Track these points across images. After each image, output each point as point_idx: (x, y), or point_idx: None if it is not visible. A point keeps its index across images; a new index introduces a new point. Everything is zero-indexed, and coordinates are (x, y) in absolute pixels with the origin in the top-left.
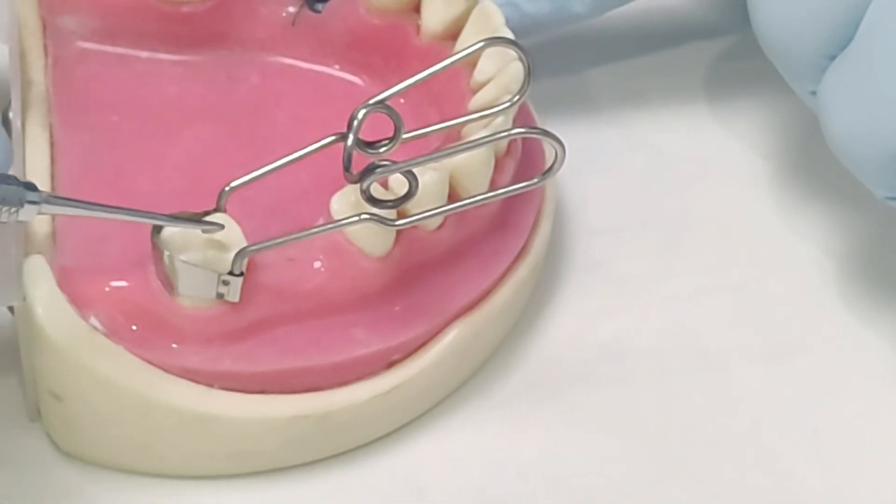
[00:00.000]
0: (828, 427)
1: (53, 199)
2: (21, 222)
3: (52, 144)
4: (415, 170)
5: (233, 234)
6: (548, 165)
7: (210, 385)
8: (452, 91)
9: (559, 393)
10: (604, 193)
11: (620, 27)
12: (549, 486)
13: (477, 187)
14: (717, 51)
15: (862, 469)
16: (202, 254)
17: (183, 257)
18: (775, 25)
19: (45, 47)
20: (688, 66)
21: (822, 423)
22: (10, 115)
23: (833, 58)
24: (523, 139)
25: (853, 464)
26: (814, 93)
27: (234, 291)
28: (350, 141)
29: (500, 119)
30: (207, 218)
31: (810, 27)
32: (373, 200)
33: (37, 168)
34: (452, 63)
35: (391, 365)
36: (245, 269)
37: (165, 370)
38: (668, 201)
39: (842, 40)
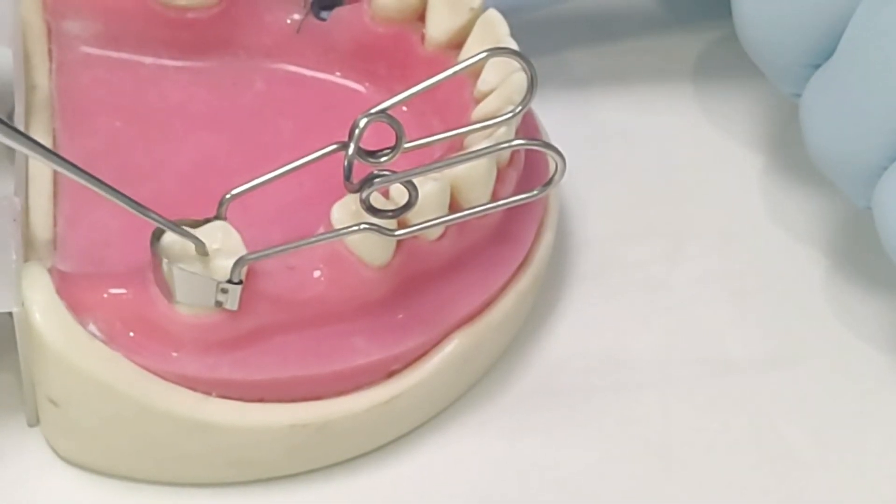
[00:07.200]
0: (828, 431)
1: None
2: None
3: (55, 149)
4: (415, 180)
5: (232, 242)
6: (549, 176)
7: (208, 393)
8: (456, 101)
9: (561, 401)
10: (605, 202)
11: (621, 33)
12: (550, 493)
13: (478, 198)
14: (719, 57)
15: (862, 471)
16: (201, 261)
17: (181, 265)
18: (756, 31)
19: (50, 52)
20: (690, 75)
21: (823, 427)
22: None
23: (817, 66)
24: (526, 150)
25: (853, 466)
26: (798, 95)
27: (232, 299)
28: (351, 150)
29: (502, 129)
30: (206, 226)
31: (791, 37)
32: (372, 210)
33: (39, 173)
34: (456, 73)
35: (391, 374)
36: (244, 277)
37: (163, 377)
38: (670, 209)
39: (824, 52)
